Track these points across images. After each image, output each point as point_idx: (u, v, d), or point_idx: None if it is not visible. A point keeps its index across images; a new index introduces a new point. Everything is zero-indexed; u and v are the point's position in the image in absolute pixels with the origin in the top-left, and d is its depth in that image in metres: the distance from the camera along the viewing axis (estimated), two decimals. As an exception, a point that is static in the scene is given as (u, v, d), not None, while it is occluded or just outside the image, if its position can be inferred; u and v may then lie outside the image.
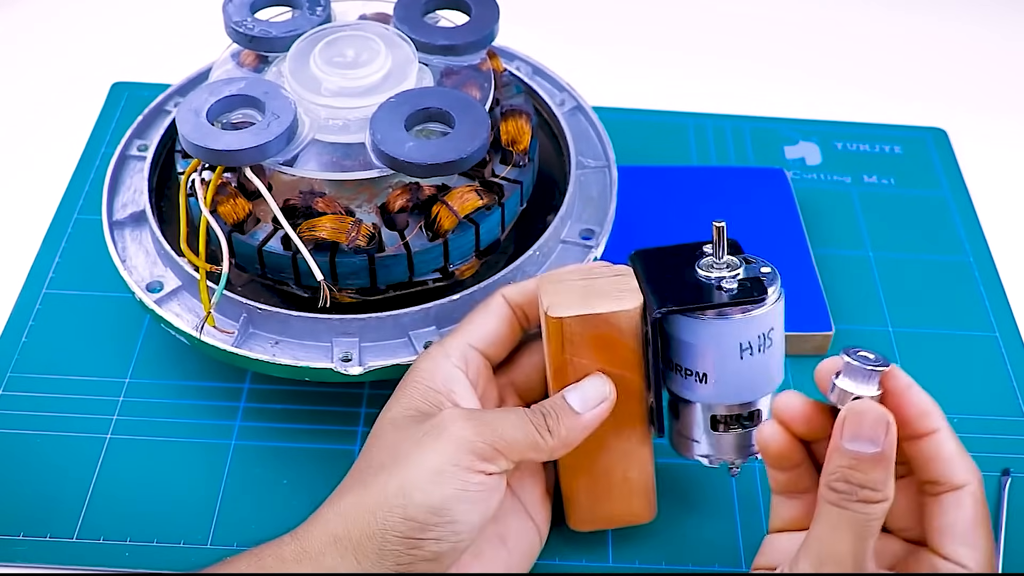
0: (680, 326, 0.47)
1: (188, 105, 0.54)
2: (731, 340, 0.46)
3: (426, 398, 0.48)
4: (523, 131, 0.59)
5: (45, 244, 0.69)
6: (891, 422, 0.42)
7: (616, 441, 0.49)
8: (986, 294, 0.69)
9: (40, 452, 0.58)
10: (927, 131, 0.81)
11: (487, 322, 0.51)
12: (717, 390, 0.47)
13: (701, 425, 0.49)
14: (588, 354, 0.47)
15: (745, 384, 0.48)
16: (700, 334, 0.46)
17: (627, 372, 0.48)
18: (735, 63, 0.88)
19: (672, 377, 0.48)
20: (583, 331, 0.46)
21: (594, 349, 0.47)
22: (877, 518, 0.41)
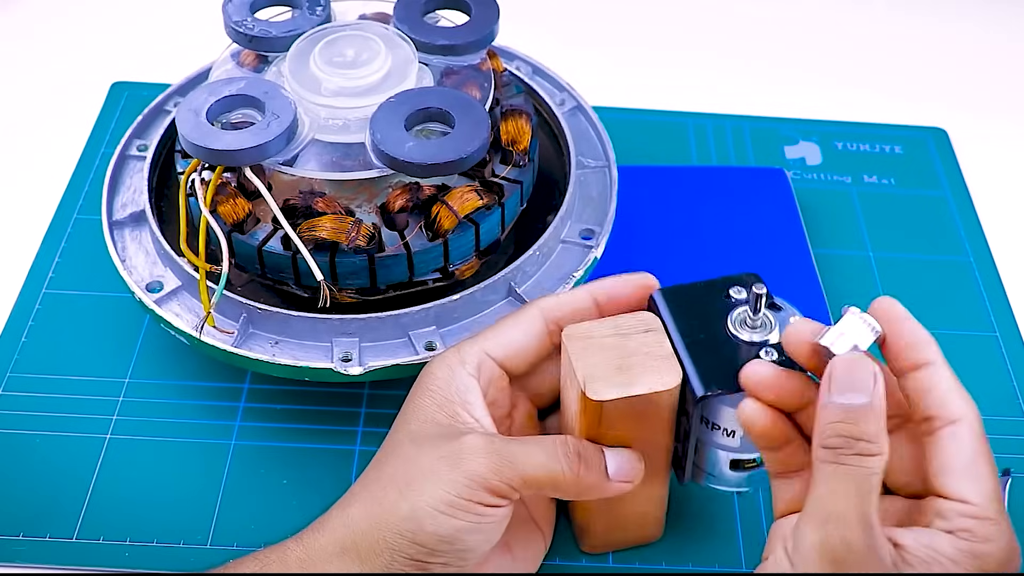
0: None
1: (188, 105, 0.54)
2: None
3: (443, 408, 0.47)
4: (523, 131, 0.59)
5: (45, 244, 0.69)
6: (878, 372, 0.41)
7: (641, 489, 0.48)
8: (986, 294, 0.69)
9: (40, 452, 0.58)
10: (927, 131, 0.81)
11: (513, 334, 0.49)
12: (744, 444, 0.47)
13: (720, 464, 0.49)
14: (623, 425, 0.46)
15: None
16: (733, 402, 0.46)
17: (658, 436, 0.48)
18: (735, 63, 0.88)
19: (698, 425, 0.48)
20: (622, 409, 0.45)
21: (630, 421, 0.46)
22: (876, 472, 0.40)
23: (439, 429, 0.47)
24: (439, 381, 0.48)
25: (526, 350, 0.49)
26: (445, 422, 0.47)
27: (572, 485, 0.45)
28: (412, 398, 0.49)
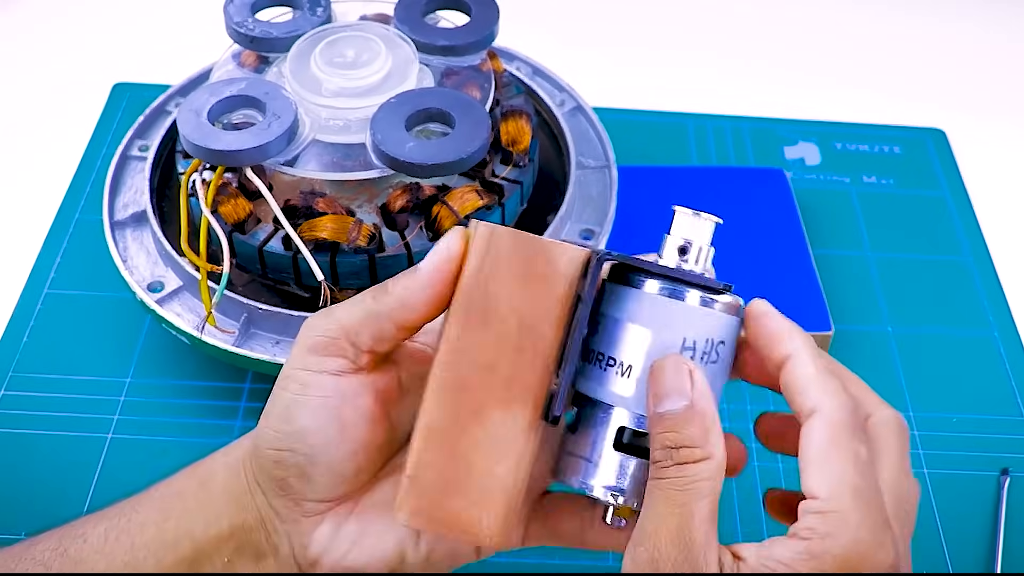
0: (617, 299, 0.38)
1: (189, 105, 0.54)
2: (677, 329, 0.38)
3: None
4: (523, 131, 0.59)
5: (47, 244, 0.69)
6: (693, 369, 0.37)
7: (497, 415, 0.38)
8: (984, 294, 0.69)
9: (42, 452, 0.59)
10: (926, 132, 0.81)
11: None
12: (639, 390, 0.38)
13: (603, 441, 0.39)
14: (507, 283, 0.37)
15: None
16: (640, 311, 0.38)
17: (543, 325, 0.38)
18: (735, 63, 0.88)
19: (585, 370, 0.39)
20: (512, 252, 0.37)
21: (516, 280, 0.37)
22: (701, 480, 0.36)
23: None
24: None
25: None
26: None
27: (384, 297, 0.39)
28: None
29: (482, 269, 0.37)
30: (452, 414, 0.38)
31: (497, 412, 0.38)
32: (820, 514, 0.35)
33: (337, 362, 0.39)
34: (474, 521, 0.38)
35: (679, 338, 0.38)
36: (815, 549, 0.35)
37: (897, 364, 0.65)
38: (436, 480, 0.38)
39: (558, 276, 0.38)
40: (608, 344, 0.38)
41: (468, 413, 0.38)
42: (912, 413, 0.63)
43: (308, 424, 0.39)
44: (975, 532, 0.57)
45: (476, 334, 0.37)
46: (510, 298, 0.37)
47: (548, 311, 0.38)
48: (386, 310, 0.39)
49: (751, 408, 0.62)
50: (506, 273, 0.37)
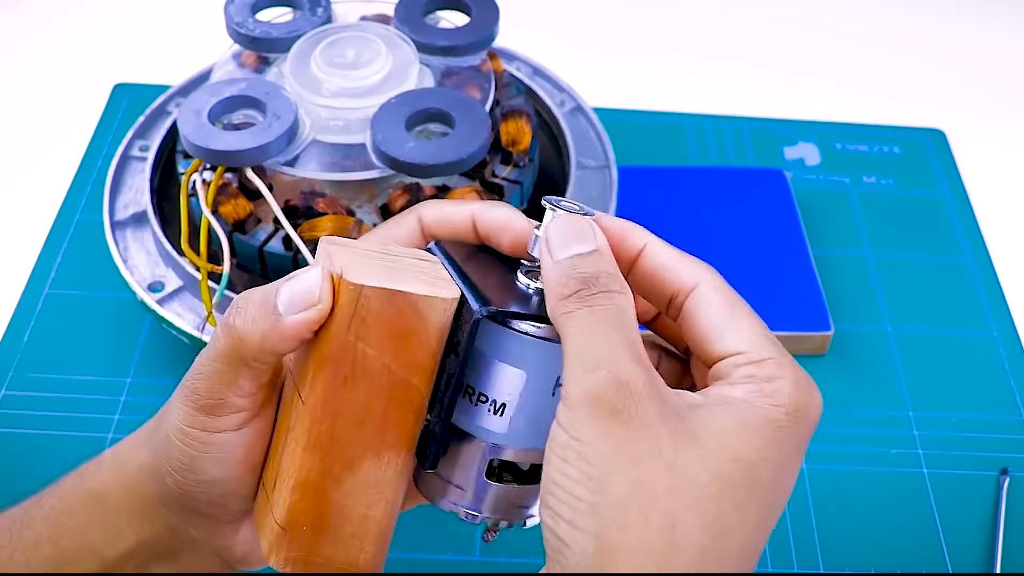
0: (491, 339, 0.37)
1: (189, 106, 0.55)
2: (550, 370, 0.37)
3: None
4: (523, 132, 0.59)
5: (47, 245, 0.70)
6: (594, 223, 0.37)
7: (373, 464, 0.37)
8: (984, 294, 0.69)
9: (42, 452, 0.59)
10: (926, 132, 0.81)
11: (389, 235, 0.41)
12: (511, 428, 0.37)
13: (474, 469, 0.38)
14: (377, 342, 0.36)
15: (544, 428, 0.36)
16: (517, 354, 0.37)
17: (414, 378, 0.37)
18: (735, 64, 0.88)
19: (458, 403, 0.38)
20: (382, 310, 0.35)
21: (387, 337, 0.36)
22: (628, 310, 0.35)
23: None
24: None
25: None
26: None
27: (235, 340, 0.36)
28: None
29: (350, 329, 0.36)
30: (324, 468, 0.37)
31: (369, 462, 0.37)
32: (754, 364, 0.35)
33: (235, 418, 0.37)
34: (349, 561, 0.39)
35: (552, 377, 0.37)
36: (767, 389, 0.34)
37: (897, 364, 0.65)
38: (310, 531, 0.38)
39: (430, 330, 0.36)
40: (479, 380, 0.37)
41: (340, 466, 0.37)
42: (912, 413, 0.63)
43: (217, 475, 0.38)
44: (974, 532, 0.57)
45: (346, 392, 0.36)
46: (381, 356, 0.36)
47: (421, 365, 0.37)
48: (249, 357, 0.36)
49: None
50: (376, 332, 0.36)
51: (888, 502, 0.58)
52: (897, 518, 0.58)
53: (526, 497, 0.39)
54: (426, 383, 0.37)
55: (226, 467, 0.38)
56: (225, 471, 0.38)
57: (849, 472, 0.59)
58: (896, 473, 0.60)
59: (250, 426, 0.38)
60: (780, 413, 0.34)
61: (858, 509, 0.58)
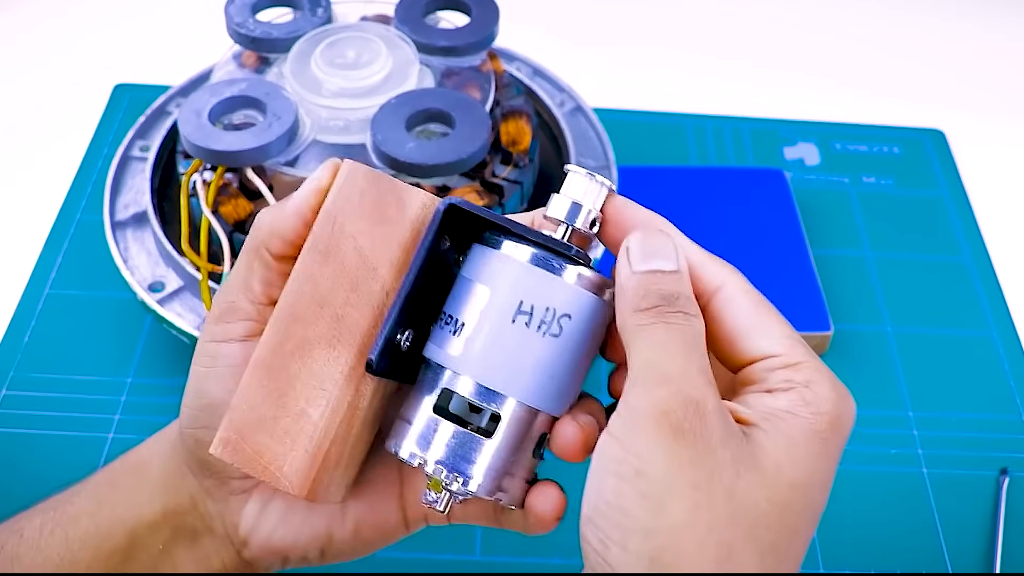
0: (471, 259, 0.37)
1: (190, 106, 0.55)
2: (510, 289, 0.35)
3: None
4: (523, 132, 0.59)
5: (48, 245, 0.70)
6: (678, 242, 0.36)
7: (320, 351, 0.36)
8: (983, 294, 0.69)
9: (43, 452, 0.59)
10: (925, 132, 0.81)
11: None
12: (465, 349, 0.35)
13: (424, 400, 0.36)
14: (354, 220, 0.36)
15: (500, 360, 0.35)
16: (484, 269, 0.36)
17: (382, 268, 0.36)
18: (734, 64, 0.88)
19: (432, 332, 0.37)
20: (365, 190, 0.36)
21: (364, 221, 0.36)
22: (701, 334, 0.34)
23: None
24: None
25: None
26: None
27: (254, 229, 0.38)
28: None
29: (334, 203, 0.36)
30: (278, 345, 0.36)
31: (320, 350, 0.36)
32: (790, 368, 0.34)
33: (242, 325, 0.38)
34: (276, 461, 0.36)
35: (515, 299, 0.35)
36: (808, 397, 0.33)
37: (896, 364, 0.65)
38: (249, 412, 0.36)
39: (406, 219, 0.37)
40: (453, 304, 0.36)
41: (292, 345, 0.36)
42: (911, 413, 0.63)
43: (218, 395, 0.38)
44: (974, 532, 0.57)
45: (316, 268, 0.36)
46: (354, 236, 0.36)
47: (390, 254, 0.36)
48: (261, 241, 0.37)
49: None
50: (355, 211, 0.36)
51: (888, 502, 0.58)
52: (897, 518, 0.58)
53: (475, 451, 0.36)
54: (392, 278, 0.36)
55: (227, 386, 0.37)
56: (225, 390, 0.37)
57: (849, 472, 0.59)
58: (896, 473, 0.60)
59: (255, 341, 0.37)
60: (824, 423, 0.33)
61: (858, 509, 0.58)
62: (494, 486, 0.36)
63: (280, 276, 0.38)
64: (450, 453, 0.36)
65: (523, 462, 0.37)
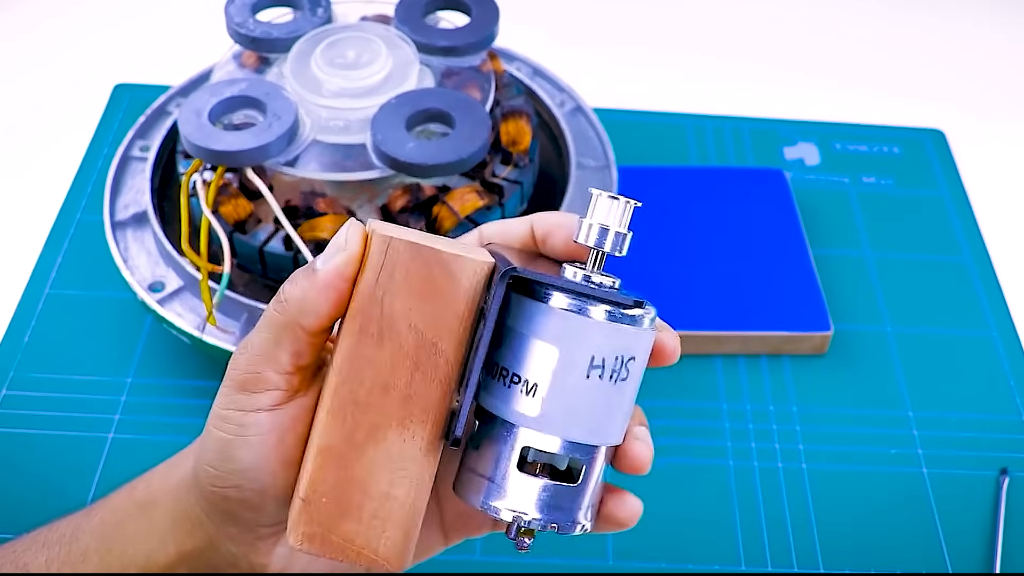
0: (522, 313, 0.36)
1: (190, 106, 0.55)
2: (583, 346, 0.35)
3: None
4: (523, 132, 0.59)
5: (48, 245, 0.70)
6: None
7: (394, 435, 0.36)
8: (983, 294, 0.69)
9: (43, 452, 0.59)
10: (925, 132, 0.81)
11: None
12: (544, 410, 0.36)
13: (505, 459, 0.36)
14: (404, 298, 0.35)
15: (580, 416, 0.36)
16: (546, 327, 0.35)
17: (442, 342, 0.36)
18: (734, 64, 0.88)
19: (488, 385, 0.37)
20: (410, 265, 0.35)
21: (415, 294, 0.35)
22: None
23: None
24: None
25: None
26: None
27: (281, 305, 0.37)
28: None
29: (378, 282, 0.35)
30: (347, 434, 0.36)
31: (394, 432, 0.36)
32: None
33: (269, 396, 0.37)
34: (370, 546, 0.37)
35: (587, 356, 0.35)
36: None
37: (896, 364, 0.65)
38: (330, 503, 0.36)
39: (459, 291, 0.35)
40: (512, 360, 0.36)
41: (364, 434, 0.36)
42: (911, 413, 0.63)
43: (250, 463, 0.37)
44: (974, 532, 0.57)
45: (372, 351, 0.35)
46: (408, 314, 0.35)
47: (449, 328, 0.36)
48: (293, 319, 0.36)
49: (750, 408, 0.62)
50: (403, 287, 0.35)
51: (888, 502, 0.58)
52: (897, 518, 0.58)
53: (564, 498, 0.36)
54: (454, 350, 0.36)
55: (258, 453, 0.37)
56: (257, 457, 0.37)
57: (849, 472, 0.59)
58: (896, 473, 0.60)
59: (283, 410, 0.37)
60: None
61: (858, 509, 0.58)
62: (582, 519, 0.37)
63: (310, 347, 0.37)
64: (544, 506, 0.36)
65: (598, 490, 0.38)
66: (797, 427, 0.61)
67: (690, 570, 0.55)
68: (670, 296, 0.66)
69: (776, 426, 0.61)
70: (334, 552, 0.37)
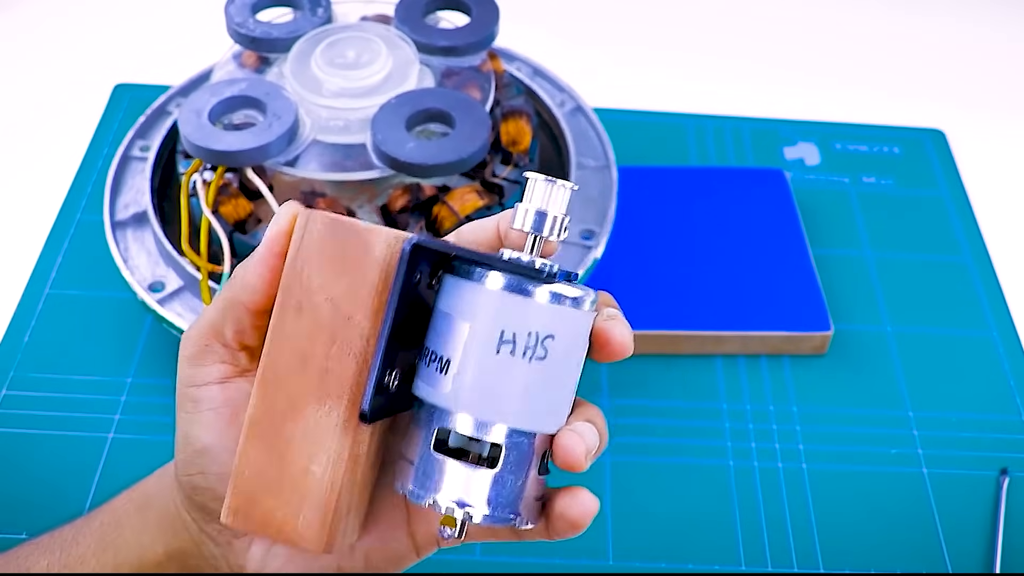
0: (445, 292, 0.36)
1: (190, 106, 0.55)
2: (491, 320, 0.35)
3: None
4: (523, 132, 0.59)
5: (48, 245, 0.70)
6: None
7: (311, 409, 0.36)
8: (983, 294, 0.69)
9: (43, 451, 0.59)
10: (925, 132, 0.81)
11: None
12: (456, 386, 0.35)
13: (422, 439, 0.36)
14: (320, 271, 0.36)
15: (490, 392, 0.35)
16: (460, 303, 0.35)
17: (357, 314, 0.36)
18: (735, 64, 0.88)
19: (420, 369, 0.37)
20: (326, 239, 0.36)
21: (330, 269, 0.36)
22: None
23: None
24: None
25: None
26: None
27: (223, 293, 0.38)
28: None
29: (298, 255, 0.36)
30: (268, 408, 0.36)
31: (312, 408, 0.36)
32: None
33: (218, 368, 0.38)
34: (289, 522, 0.36)
35: (496, 330, 0.35)
36: None
37: (896, 364, 0.65)
38: (253, 478, 0.36)
39: (372, 263, 0.35)
40: (435, 340, 0.36)
41: (284, 407, 0.36)
42: (911, 413, 0.63)
43: (207, 440, 0.38)
44: (974, 531, 0.57)
45: (292, 325, 0.36)
46: (324, 286, 0.36)
47: (363, 301, 0.36)
48: (235, 295, 0.37)
49: (750, 408, 0.62)
50: (319, 259, 0.36)
51: (888, 502, 0.58)
52: (897, 518, 0.58)
53: (480, 483, 0.35)
54: (369, 323, 0.36)
55: (215, 429, 0.38)
56: (214, 435, 0.38)
57: (849, 472, 0.59)
58: (896, 473, 0.60)
59: (234, 383, 0.38)
60: None
61: (858, 509, 0.58)
62: (504, 513, 0.36)
63: (253, 328, 0.38)
64: (456, 489, 0.35)
65: (530, 483, 0.36)
66: (797, 427, 0.61)
67: (690, 570, 0.55)
68: (670, 296, 0.66)
69: (776, 426, 0.61)
70: (257, 528, 0.36)
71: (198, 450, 0.38)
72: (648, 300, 0.65)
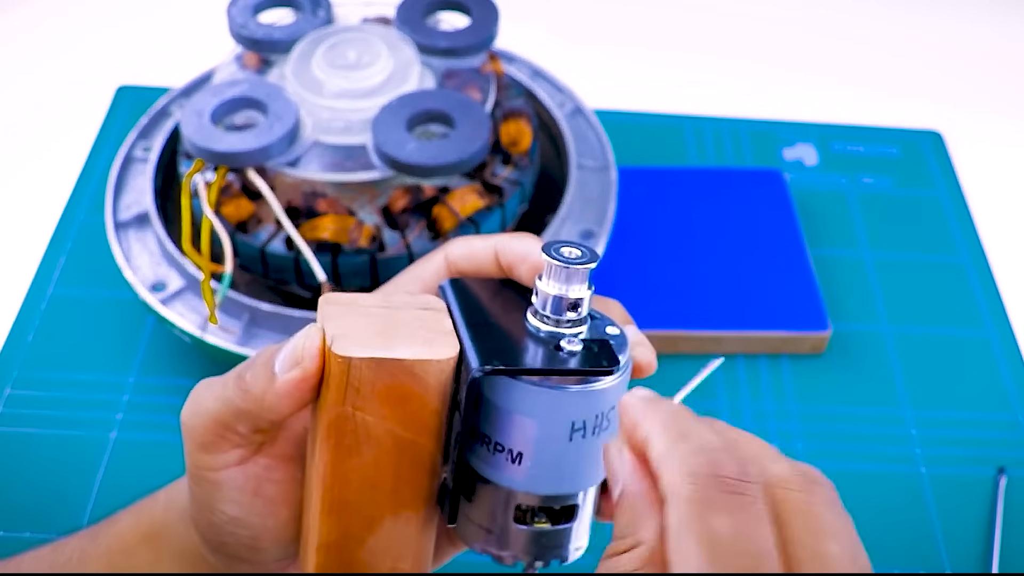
0: (499, 389, 0.36)
1: (192, 107, 0.55)
2: (562, 417, 0.35)
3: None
4: (523, 132, 0.59)
5: (51, 245, 0.70)
6: (623, 451, 0.34)
7: (392, 522, 0.37)
8: (981, 294, 0.70)
9: (46, 451, 0.59)
10: (923, 134, 0.81)
11: (419, 274, 0.41)
12: (531, 475, 0.36)
13: (501, 515, 0.37)
14: (376, 409, 0.35)
15: (567, 473, 0.36)
16: (524, 404, 0.35)
17: (421, 438, 0.36)
18: (733, 65, 0.88)
19: (476, 450, 0.37)
20: (375, 379, 0.35)
21: (385, 403, 0.35)
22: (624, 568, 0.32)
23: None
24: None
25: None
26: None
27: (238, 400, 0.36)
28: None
29: (346, 400, 0.35)
30: (343, 531, 0.37)
31: (388, 520, 0.37)
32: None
33: (234, 454, 0.38)
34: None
35: (566, 424, 0.36)
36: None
37: (894, 364, 0.65)
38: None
39: (429, 391, 0.35)
40: (494, 430, 0.36)
41: (359, 528, 0.37)
42: (909, 412, 0.63)
43: (236, 513, 0.38)
44: (972, 531, 0.57)
45: (353, 460, 0.36)
46: (382, 421, 0.35)
47: (425, 425, 0.36)
48: (250, 408, 0.36)
49: (749, 407, 0.62)
50: (373, 400, 0.35)
51: (886, 501, 0.59)
52: (895, 517, 0.58)
53: (560, 537, 0.38)
54: (434, 441, 0.36)
55: (240, 504, 0.38)
56: (242, 509, 0.38)
57: (847, 471, 0.60)
58: (894, 472, 0.60)
59: (253, 461, 0.38)
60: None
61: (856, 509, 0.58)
62: (583, 541, 0.39)
63: (270, 424, 0.37)
64: (544, 549, 0.38)
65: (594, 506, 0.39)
66: (795, 426, 0.62)
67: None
68: (669, 296, 0.66)
69: (774, 425, 0.61)
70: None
71: (227, 520, 0.38)
72: (647, 300, 0.65)
